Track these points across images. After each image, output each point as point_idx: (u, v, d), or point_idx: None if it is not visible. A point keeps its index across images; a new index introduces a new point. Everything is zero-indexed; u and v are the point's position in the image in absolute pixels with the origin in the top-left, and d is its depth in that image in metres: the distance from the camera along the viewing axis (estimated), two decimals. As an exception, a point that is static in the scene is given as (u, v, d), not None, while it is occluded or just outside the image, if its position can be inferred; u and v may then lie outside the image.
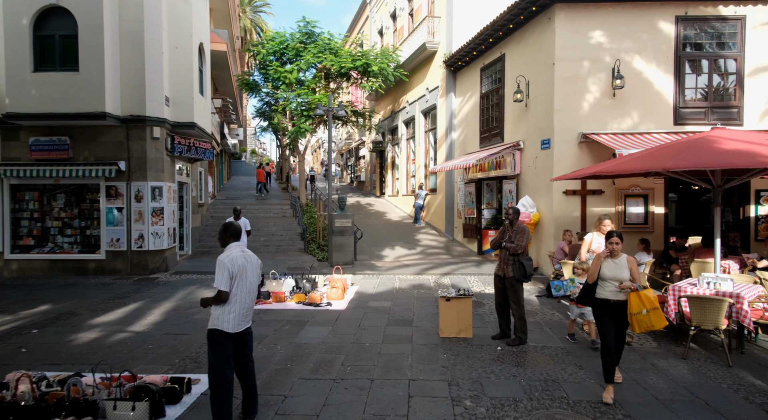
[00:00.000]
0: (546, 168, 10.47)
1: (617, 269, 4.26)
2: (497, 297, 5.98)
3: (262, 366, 5.06)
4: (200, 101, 12.51)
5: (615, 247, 4.29)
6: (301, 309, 7.67)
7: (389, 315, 7.20)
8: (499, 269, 5.88)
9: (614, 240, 4.31)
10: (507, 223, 5.88)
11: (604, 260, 4.31)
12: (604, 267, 4.30)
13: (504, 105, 12.30)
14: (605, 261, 4.31)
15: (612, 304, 4.26)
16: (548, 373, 4.80)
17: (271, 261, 12.79)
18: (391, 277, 10.49)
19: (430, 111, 17.83)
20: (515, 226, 5.86)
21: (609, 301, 4.26)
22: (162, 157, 11.12)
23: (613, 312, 4.26)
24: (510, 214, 5.85)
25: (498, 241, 5.91)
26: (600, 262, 4.32)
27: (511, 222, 5.86)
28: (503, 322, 5.95)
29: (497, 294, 5.98)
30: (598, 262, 4.33)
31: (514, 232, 5.81)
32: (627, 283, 4.18)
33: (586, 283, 4.41)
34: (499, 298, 5.96)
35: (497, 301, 5.99)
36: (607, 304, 4.28)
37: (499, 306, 5.98)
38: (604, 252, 4.34)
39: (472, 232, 14.03)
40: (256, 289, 3.89)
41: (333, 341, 5.92)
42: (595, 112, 10.08)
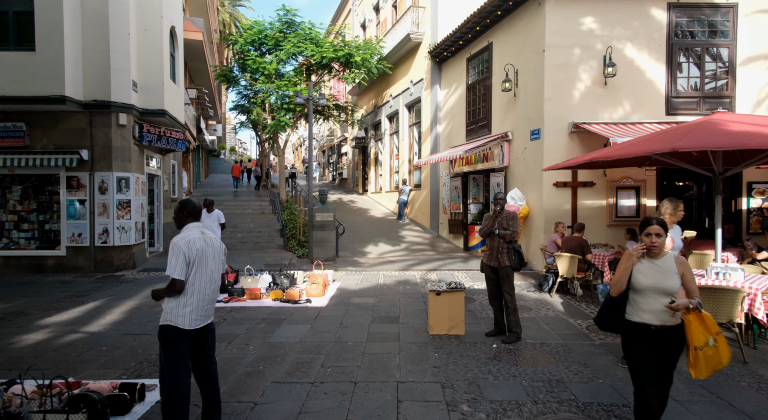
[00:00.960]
0: (536, 159, 10.08)
1: (660, 275, 2.81)
2: (490, 289, 5.51)
3: (230, 368, 4.47)
4: (172, 88, 11.77)
5: (656, 241, 2.82)
6: (278, 306, 7.07)
7: (374, 312, 6.66)
8: (491, 259, 5.41)
9: (654, 229, 2.83)
10: (497, 209, 5.42)
11: (637, 262, 2.88)
12: (639, 272, 2.86)
13: (491, 95, 11.89)
14: (640, 263, 2.89)
15: (654, 331, 2.81)
16: (551, 372, 4.32)
17: (248, 258, 12.10)
18: (375, 273, 9.95)
19: (415, 104, 17.36)
20: (505, 212, 5.41)
21: (649, 328, 2.82)
22: (129, 145, 10.36)
23: (654, 344, 2.83)
24: (501, 199, 5.40)
25: (488, 229, 5.44)
26: (630, 264, 2.86)
27: (502, 207, 5.42)
28: (499, 316, 5.48)
29: (490, 286, 5.50)
30: (627, 264, 2.87)
31: (505, 218, 5.35)
32: (683, 300, 2.74)
33: (608, 296, 3.01)
34: (492, 290, 5.49)
35: (491, 293, 5.52)
36: (644, 331, 2.83)
37: (493, 298, 5.50)
38: (637, 249, 2.86)
39: (458, 228, 13.59)
40: (219, 279, 3.31)
41: (312, 340, 5.35)
42: (587, 101, 9.73)
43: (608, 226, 9.71)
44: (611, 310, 2.96)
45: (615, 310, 2.94)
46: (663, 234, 2.84)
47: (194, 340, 3.12)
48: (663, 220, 2.89)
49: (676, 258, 2.91)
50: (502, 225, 5.35)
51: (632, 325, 2.89)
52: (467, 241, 13.31)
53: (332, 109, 19.75)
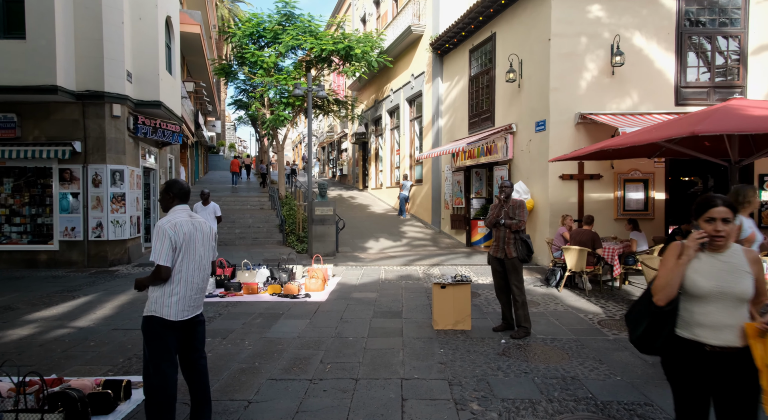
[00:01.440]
0: (541, 151, 9.81)
1: (727, 275, 2.07)
2: (497, 282, 5.25)
3: (224, 365, 4.21)
4: (168, 79, 11.50)
5: (722, 228, 2.07)
6: (276, 301, 6.81)
7: (375, 306, 6.40)
8: (498, 251, 5.15)
9: (720, 212, 2.08)
10: (502, 198, 5.17)
11: (694, 257, 2.12)
12: (697, 272, 2.10)
13: (495, 87, 11.62)
14: (697, 259, 2.13)
15: (708, 354, 2.06)
16: (564, 369, 4.07)
17: (246, 253, 11.85)
18: (376, 268, 9.69)
19: (416, 98, 17.08)
20: (511, 201, 5.15)
21: (702, 348, 2.07)
22: (123, 137, 10.09)
23: (711, 373, 2.07)
24: (507, 187, 5.14)
25: (494, 219, 5.18)
26: (686, 259, 2.10)
27: (507, 197, 5.16)
28: (506, 310, 5.22)
29: (497, 279, 5.24)
30: (680, 259, 2.11)
31: (512, 207, 5.09)
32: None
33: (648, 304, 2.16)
34: (499, 283, 5.22)
35: (498, 286, 5.26)
36: (695, 353, 2.09)
37: (500, 292, 5.24)
38: (692, 240, 2.10)
39: (460, 223, 13.33)
40: (209, 266, 3.06)
41: (311, 335, 5.10)
42: (593, 92, 9.46)
43: (615, 219, 9.45)
44: (659, 324, 2.10)
45: (663, 325, 2.10)
46: (731, 219, 2.08)
47: (181, 332, 2.87)
48: (730, 200, 2.11)
49: (746, 251, 2.14)
50: (508, 214, 5.09)
51: (686, 344, 2.10)
52: (470, 237, 13.05)
53: (332, 104, 19.46)
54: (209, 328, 5.34)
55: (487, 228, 5.33)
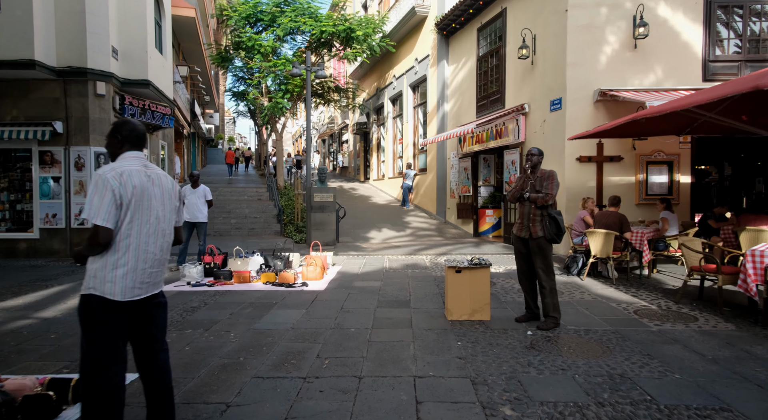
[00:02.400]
0: (556, 132, 9.12)
1: None
2: (520, 266, 4.58)
3: (202, 360, 3.55)
4: (157, 58, 10.81)
5: None
6: (270, 290, 6.15)
7: (380, 296, 5.74)
8: (521, 229, 4.48)
9: None
10: (528, 167, 4.50)
11: None
12: None
13: (505, 66, 10.91)
14: None
15: None
16: (609, 364, 3.39)
17: (241, 243, 11.18)
18: (380, 257, 9.02)
19: (420, 84, 16.37)
20: (539, 171, 4.47)
21: None
22: (108, 118, 9.42)
23: None
24: (534, 154, 4.46)
25: (517, 191, 4.52)
26: None
27: (534, 167, 4.48)
28: (530, 298, 4.55)
29: (520, 262, 4.57)
30: None
31: (539, 178, 4.43)
32: None
33: None
34: (522, 267, 4.55)
35: (520, 270, 4.58)
36: None
37: (523, 277, 4.57)
38: None
39: (467, 212, 12.64)
40: (171, 233, 2.38)
41: (307, 326, 4.43)
42: (614, 66, 8.76)
43: (637, 204, 8.76)
44: None
45: None
46: None
47: (132, 317, 2.20)
48: None
49: None
50: (534, 186, 4.41)
51: None
52: (477, 226, 12.37)
53: (332, 92, 18.75)
54: (191, 319, 4.68)
55: (511, 202, 4.65)
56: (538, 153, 4.48)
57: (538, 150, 4.50)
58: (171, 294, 5.88)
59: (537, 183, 4.40)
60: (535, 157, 4.46)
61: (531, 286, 4.54)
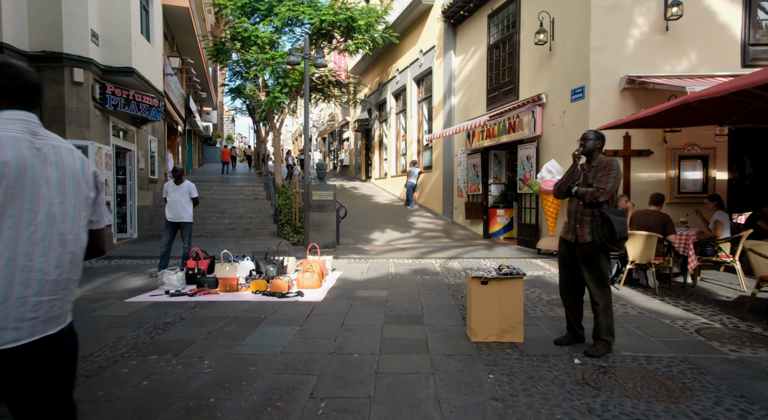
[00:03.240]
0: (578, 124, 8.30)
1: None
2: (563, 275, 3.76)
3: (161, 401, 2.73)
4: (143, 45, 10.01)
5: None
6: (259, 301, 5.33)
7: (387, 308, 4.92)
8: (567, 231, 3.66)
9: None
10: (579, 154, 3.67)
11: None
12: None
13: (519, 54, 10.09)
14: None
15: None
16: (697, 413, 2.56)
17: (234, 245, 10.40)
18: (384, 261, 8.21)
19: (425, 77, 15.56)
20: (595, 159, 3.64)
21: None
22: (87, 108, 8.61)
23: None
24: (589, 139, 3.62)
25: (564, 184, 3.71)
26: None
27: (589, 154, 3.65)
28: (573, 315, 3.73)
29: (563, 271, 3.75)
30: None
31: (594, 169, 3.59)
32: None
33: None
34: (566, 277, 3.73)
35: (563, 281, 3.77)
36: None
37: (566, 289, 3.75)
38: None
39: (477, 212, 11.82)
40: (81, 241, 1.56)
41: (299, 351, 3.62)
42: (643, 51, 7.95)
43: (669, 203, 7.93)
44: None
45: None
46: None
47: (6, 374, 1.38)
48: None
49: None
50: (587, 178, 3.59)
51: None
52: (487, 227, 11.56)
53: (333, 87, 17.93)
54: (159, 341, 3.86)
55: (557, 198, 3.83)
56: (594, 136, 3.62)
57: (595, 133, 3.64)
58: (144, 306, 5.07)
59: (591, 174, 3.58)
60: (591, 141, 3.62)
61: (575, 302, 3.72)
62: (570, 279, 3.70)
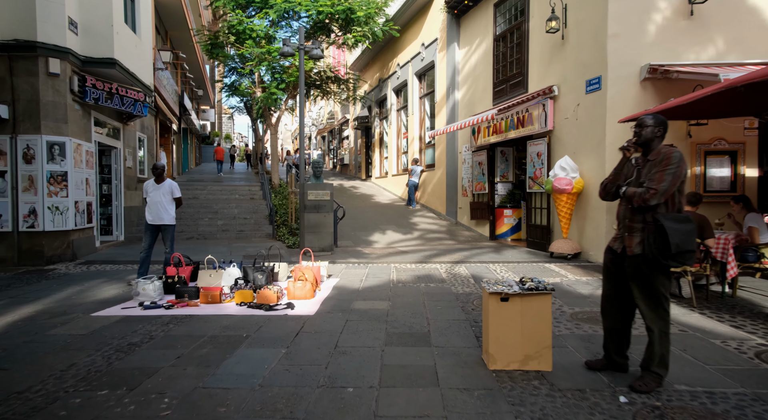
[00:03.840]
0: (594, 117, 7.68)
1: None
2: (606, 289, 3.13)
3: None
4: (127, 36, 9.39)
5: None
6: (243, 314, 4.70)
7: (388, 324, 4.29)
8: (616, 239, 3.04)
9: None
10: (632, 146, 2.97)
11: None
12: None
13: (528, 43, 9.46)
14: None
15: None
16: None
17: (226, 248, 9.79)
18: (385, 266, 7.58)
19: (427, 71, 14.93)
20: (653, 151, 2.95)
21: None
22: (65, 102, 7.99)
23: None
24: (647, 125, 2.92)
25: (611, 184, 3.08)
26: None
27: (646, 143, 2.96)
28: (611, 339, 3.10)
29: (607, 283, 3.13)
30: None
31: (650, 163, 2.92)
32: None
33: None
34: (609, 292, 3.11)
35: (606, 296, 3.14)
36: None
37: (609, 307, 3.11)
38: None
39: (482, 213, 11.19)
40: None
41: (283, 383, 2.99)
42: (665, 38, 7.32)
43: (694, 203, 7.30)
44: None
45: None
46: None
47: None
48: None
49: None
50: (639, 176, 2.95)
51: None
52: (494, 228, 10.93)
53: (331, 82, 17.31)
54: (118, 368, 3.25)
55: (602, 200, 3.20)
56: (653, 122, 2.90)
57: (655, 117, 2.93)
58: (112, 321, 4.45)
59: (646, 170, 2.93)
60: (648, 128, 2.90)
61: (619, 324, 3.08)
62: (614, 294, 3.07)
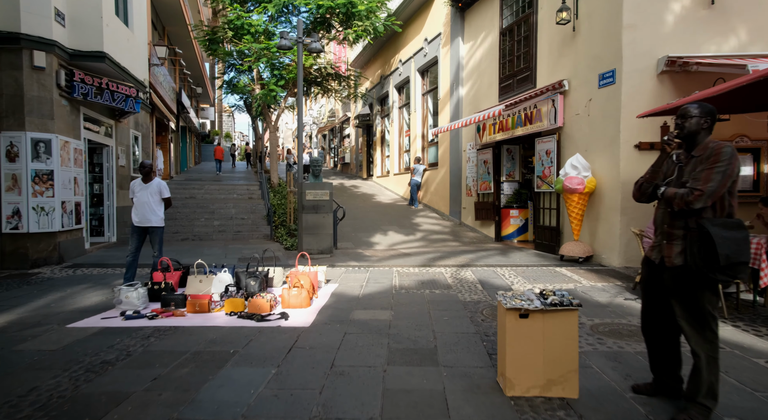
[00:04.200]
0: (607, 113, 7.27)
1: None
2: (647, 305, 2.73)
3: None
4: (118, 28, 9.01)
5: None
6: (233, 326, 4.31)
7: (390, 338, 3.91)
8: (653, 248, 2.64)
9: None
10: (671, 139, 2.54)
11: None
12: None
13: (536, 36, 9.05)
14: None
15: None
16: None
17: (221, 250, 9.41)
18: (387, 270, 7.19)
19: (430, 67, 14.52)
20: (699, 145, 2.52)
21: None
22: (51, 97, 7.61)
23: None
24: (691, 116, 2.49)
25: (647, 183, 2.68)
26: None
27: (690, 136, 2.54)
28: (656, 359, 2.71)
29: (647, 298, 2.73)
30: None
31: (694, 160, 2.50)
32: None
33: None
34: (649, 308, 2.71)
35: (646, 314, 2.74)
36: None
37: (650, 324, 2.71)
38: None
39: (488, 213, 10.79)
40: None
41: (270, 414, 2.61)
42: (684, 29, 6.92)
43: (714, 203, 6.89)
44: None
45: None
46: None
47: None
48: None
49: None
50: (681, 175, 2.54)
51: None
52: (500, 229, 10.53)
53: (332, 79, 16.90)
54: (84, 393, 2.86)
55: (637, 201, 2.80)
56: (699, 112, 2.49)
57: (701, 107, 2.50)
58: (88, 334, 4.07)
59: (689, 168, 2.53)
60: (694, 119, 2.48)
61: (664, 343, 2.68)
62: (656, 311, 2.66)
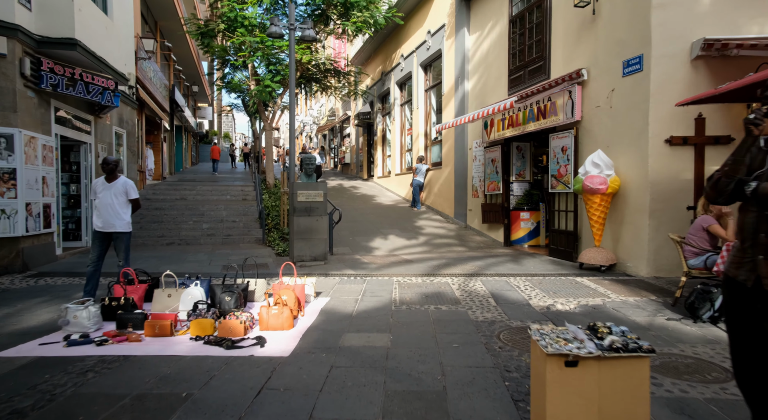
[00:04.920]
0: (633, 104, 6.48)
1: None
2: (737, 344, 1.95)
3: None
4: (93, 14, 8.27)
5: None
6: (196, 355, 3.53)
7: (387, 373, 3.12)
8: (741, 265, 1.88)
9: None
10: (762, 115, 1.85)
11: None
12: None
13: (550, 22, 8.27)
14: None
15: None
16: None
17: (207, 256, 8.66)
18: (386, 280, 6.41)
19: (433, 61, 13.75)
20: None
21: None
22: (14, 87, 6.87)
23: None
24: None
25: (728, 178, 1.92)
26: None
27: None
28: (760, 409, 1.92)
29: (738, 340, 1.95)
30: None
31: None
32: None
33: None
34: (743, 348, 1.93)
35: (738, 354, 1.96)
36: None
37: (752, 375, 1.93)
38: None
39: (496, 216, 9.99)
40: None
41: None
42: (722, 8, 6.14)
43: (756, 205, 6.09)
44: None
45: None
46: None
47: None
48: None
49: None
50: None
51: None
52: (509, 233, 9.74)
53: (331, 76, 16.16)
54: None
55: (713, 202, 2.04)
56: None
57: None
58: (16, 366, 3.30)
59: None
60: None
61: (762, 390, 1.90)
62: (754, 354, 1.88)
